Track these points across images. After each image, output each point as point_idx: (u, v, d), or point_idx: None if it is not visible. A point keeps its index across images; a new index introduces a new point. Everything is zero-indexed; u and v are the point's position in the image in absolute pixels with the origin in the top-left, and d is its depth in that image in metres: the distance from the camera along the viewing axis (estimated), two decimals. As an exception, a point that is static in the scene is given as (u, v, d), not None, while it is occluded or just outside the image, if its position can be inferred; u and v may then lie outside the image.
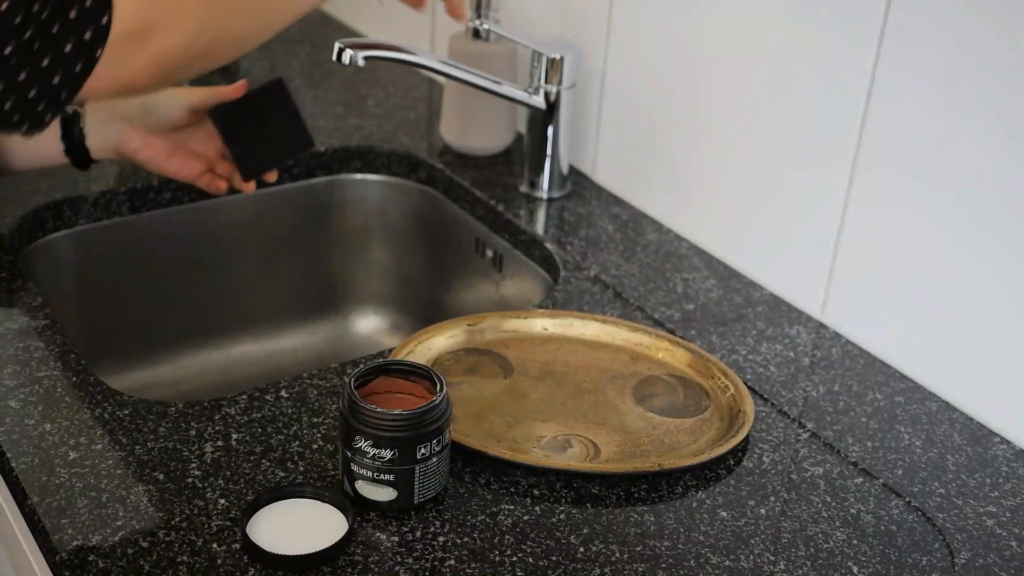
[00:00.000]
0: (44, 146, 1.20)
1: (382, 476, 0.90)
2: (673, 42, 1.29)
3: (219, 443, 0.98)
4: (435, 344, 1.11)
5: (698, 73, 1.27)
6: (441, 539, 0.90)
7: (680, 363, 1.11)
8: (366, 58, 1.20)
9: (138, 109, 1.19)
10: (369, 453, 0.89)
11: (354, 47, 1.19)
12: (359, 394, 0.91)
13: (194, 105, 1.20)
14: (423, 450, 0.89)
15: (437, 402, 0.90)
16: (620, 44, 1.35)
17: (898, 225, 1.11)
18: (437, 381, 0.92)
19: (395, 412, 0.88)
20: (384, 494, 0.90)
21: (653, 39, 1.31)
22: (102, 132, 1.20)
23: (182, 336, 1.44)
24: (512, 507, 0.94)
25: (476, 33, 1.41)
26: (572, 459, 0.99)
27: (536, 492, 0.95)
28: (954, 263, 1.07)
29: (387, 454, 0.89)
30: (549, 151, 1.37)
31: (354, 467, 0.90)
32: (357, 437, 0.89)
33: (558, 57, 1.33)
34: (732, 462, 1.00)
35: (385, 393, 0.94)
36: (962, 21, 1.01)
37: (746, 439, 1.02)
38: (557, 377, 1.09)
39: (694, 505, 0.95)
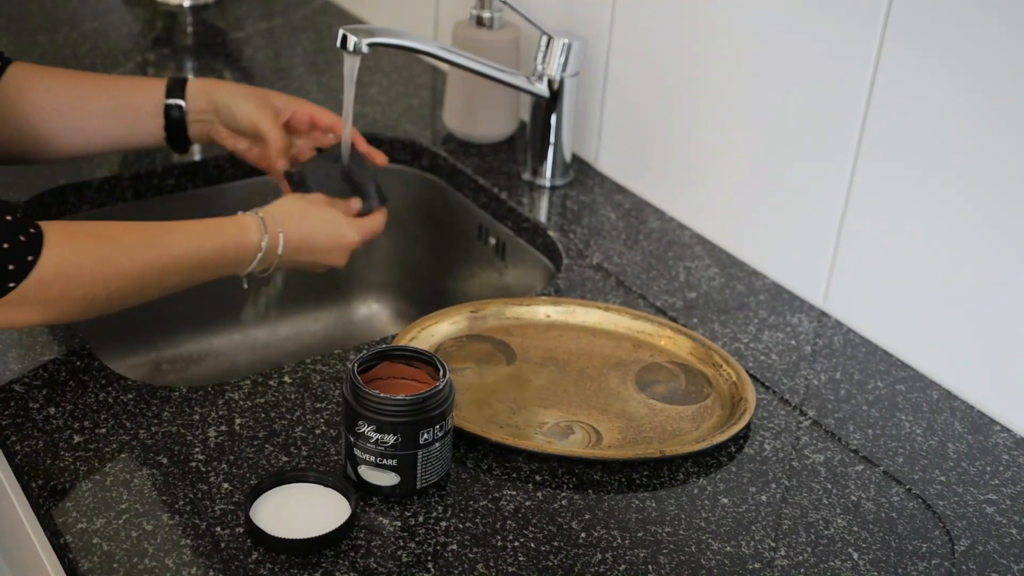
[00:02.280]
0: (142, 125, 1.24)
1: (385, 461, 0.90)
2: (676, 31, 1.29)
3: (223, 428, 0.98)
4: (438, 330, 1.11)
5: (701, 62, 1.27)
6: (443, 524, 0.90)
7: (682, 351, 1.11)
8: (370, 45, 1.20)
9: (223, 112, 1.24)
10: (372, 438, 0.89)
11: (358, 34, 1.19)
12: (362, 379, 0.92)
13: (262, 131, 1.23)
14: (426, 435, 0.90)
15: (440, 388, 0.90)
16: (623, 32, 1.36)
17: (900, 215, 1.11)
18: (440, 367, 0.92)
19: (398, 397, 0.89)
20: (386, 479, 0.91)
21: (656, 28, 1.31)
22: (198, 123, 1.25)
23: (186, 321, 1.44)
24: (514, 492, 0.94)
25: (479, 21, 1.41)
26: (574, 445, 0.99)
27: (538, 478, 0.96)
28: (956, 253, 1.08)
29: (390, 439, 0.89)
30: (552, 139, 1.38)
31: (357, 452, 0.91)
32: (360, 422, 0.89)
33: (565, 42, 1.33)
34: (733, 449, 1.00)
35: (388, 379, 0.95)
36: (965, 10, 1.01)
37: (747, 426, 1.03)
38: (560, 364, 1.09)
39: (695, 491, 0.96)
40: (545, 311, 1.15)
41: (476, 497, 0.93)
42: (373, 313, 1.55)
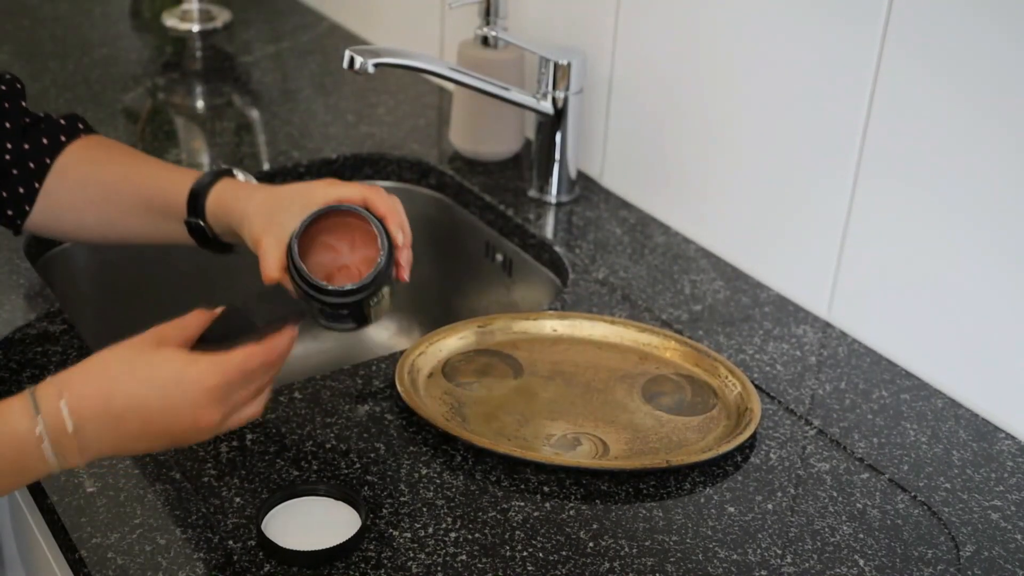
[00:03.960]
0: (169, 229, 1.10)
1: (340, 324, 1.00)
2: (679, 47, 1.31)
3: (234, 443, 0.99)
4: (446, 345, 1.12)
5: (704, 77, 1.29)
6: (453, 535, 0.91)
7: (688, 362, 1.12)
8: (376, 65, 1.21)
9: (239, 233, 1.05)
10: (328, 313, 0.97)
11: (364, 54, 1.21)
12: (301, 247, 0.95)
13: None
14: (374, 299, 0.96)
15: (382, 264, 0.94)
16: (627, 49, 1.37)
17: (903, 225, 1.12)
18: (373, 222, 0.95)
19: (346, 288, 0.93)
20: (345, 327, 1.02)
21: (659, 44, 1.33)
22: (226, 235, 1.07)
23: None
24: (523, 504, 0.95)
25: (484, 40, 1.43)
26: (581, 456, 1.00)
27: (546, 489, 0.97)
28: (958, 261, 1.08)
29: (344, 312, 0.97)
30: (557, 156, 1.39)
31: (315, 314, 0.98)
32: (317, 313, 0.97)
33: (565, 63, 1.34)
34: (739, 458, 1.01)
35: (323, 242, 0.97)
36: (964, 23, 1.03)
37: (753, 436, 1.04)
38: (566, 377, 1.10)
39: (702, 501, 0.97)
40: (552, 325, 1.16)
41: (485, 508, 0.94)
42: (382, 330, 1.57)
